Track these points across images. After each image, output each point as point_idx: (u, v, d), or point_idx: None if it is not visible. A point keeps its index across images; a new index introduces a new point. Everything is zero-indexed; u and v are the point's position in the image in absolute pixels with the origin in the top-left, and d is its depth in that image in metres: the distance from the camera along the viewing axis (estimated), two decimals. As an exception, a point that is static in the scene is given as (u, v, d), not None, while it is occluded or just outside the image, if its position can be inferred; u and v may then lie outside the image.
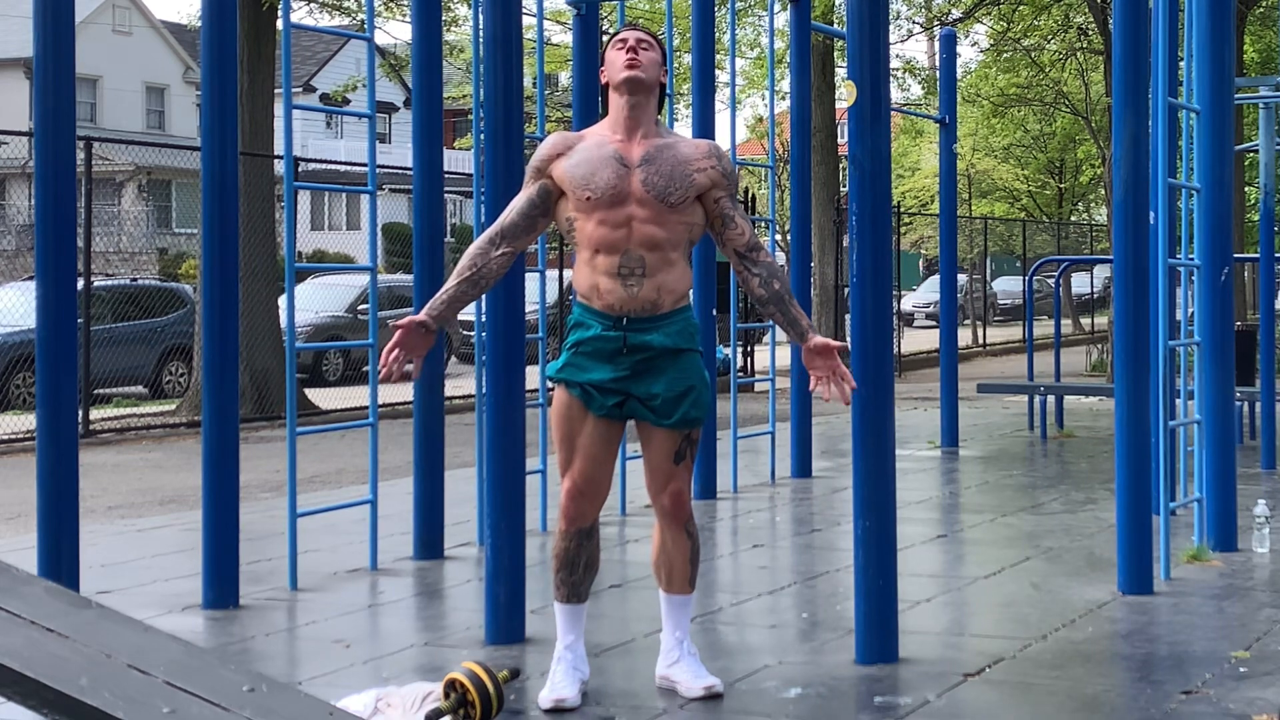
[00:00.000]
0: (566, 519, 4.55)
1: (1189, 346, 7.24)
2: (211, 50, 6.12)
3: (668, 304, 4.47)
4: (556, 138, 4.59)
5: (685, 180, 4.45)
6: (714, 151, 4.58)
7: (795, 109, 10.21)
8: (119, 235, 32.51)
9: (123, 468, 12.28)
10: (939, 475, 10.40)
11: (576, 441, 4.52)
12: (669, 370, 4.48)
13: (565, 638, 4.63)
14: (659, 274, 4.44)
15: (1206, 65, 7.04)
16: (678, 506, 4.59)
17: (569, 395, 4.52)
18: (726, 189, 4.53)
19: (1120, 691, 4.74)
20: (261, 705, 1.63)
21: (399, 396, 15.11)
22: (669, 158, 4.47)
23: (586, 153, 4.48)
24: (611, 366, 4.46)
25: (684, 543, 4.63)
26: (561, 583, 4.61)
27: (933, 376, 15.92)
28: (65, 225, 5.80)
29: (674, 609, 4.70)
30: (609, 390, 4.48)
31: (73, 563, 5.80)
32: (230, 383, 6.14)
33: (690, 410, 4.51)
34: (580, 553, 4.57)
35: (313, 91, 41.41)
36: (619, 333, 4.45)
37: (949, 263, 12.31)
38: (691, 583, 4.69)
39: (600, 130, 4.58)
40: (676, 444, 4.53)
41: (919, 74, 26.82)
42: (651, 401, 4.47)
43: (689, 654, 4.69)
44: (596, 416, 4.49)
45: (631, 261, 4.42)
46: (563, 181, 4.47)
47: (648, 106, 4.52)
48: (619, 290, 4.43)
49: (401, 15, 19.88)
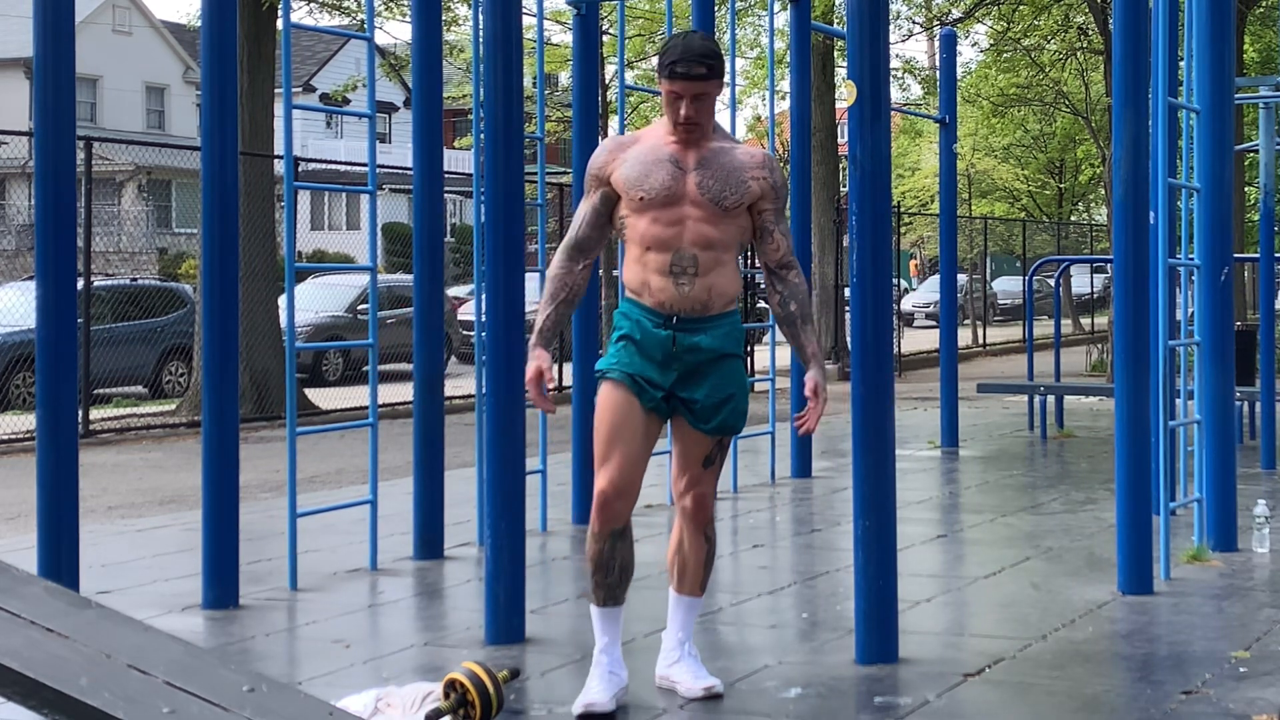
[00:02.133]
0: (601, 520, 4.51)
1: (1189, 346, 7.24)
2: (211, 50, 6.11)
3: (718, 306, 4.49)
4: (611, 143, 4.61)
5: (740, 186, 4.47)
6: (768, 163, 4.57)
7: (795, 109, 10.21)
8: (119, 235, 32.51)
9: (123, 468, 12.28)
10: (939, 475, 10.40)
11: (621, 435, 4.47)
12: (712, 375, 4.49)
13: (601, 640, 4.60)
14: (710, 274, 4.45)
15: (1206, 65, 7.04)
16: (700, 509, 4.62)
17: (620, 387, 4.49)
18: (773, 202, 4.55)
19: (1120, 691, 4.74)
20: (261, 705, 1.63)
21: (399, 397, 15.11)
22: (725, 163, 4.48)
23: (641, 155, 4.49)
24: (659, 366, 4.47)
25: (701, 546, 4.65)
26: (598, 585, 4.58)
27: (933, 376, 15.92)
28: (65, 225, 5.80)
29: (681, 609, 4.71)
30: (656, 386, 4.48)
31: (73, 563, 5.80)
32: (230, 383, 6.14)
33: (729, 418, 4.53)
34: (615, 554, 4.54)
35: (313, 91, 41.41)
36: (668, 331, 4.45)
37: (949, 263, 12.32)
38: (702, 586, 4.70)
39: (657, 132, 4.58)
40: (709, 449, 4.56)
41: (919, 74, 26.83)
42: (693, 405, 4.48)
43: (690, 655, 4.69)
44: (645, 409, 4.47)
45: (684, 260, 4.43)
46: (618, 185, 4.50)
47: (705, 133, 4.53)
48: (670, 288, 4.44)
49: (401, 15, 19.87)
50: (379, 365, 7.51)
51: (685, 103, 4.44)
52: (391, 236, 36.03)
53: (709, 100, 4.48)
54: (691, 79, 4.43)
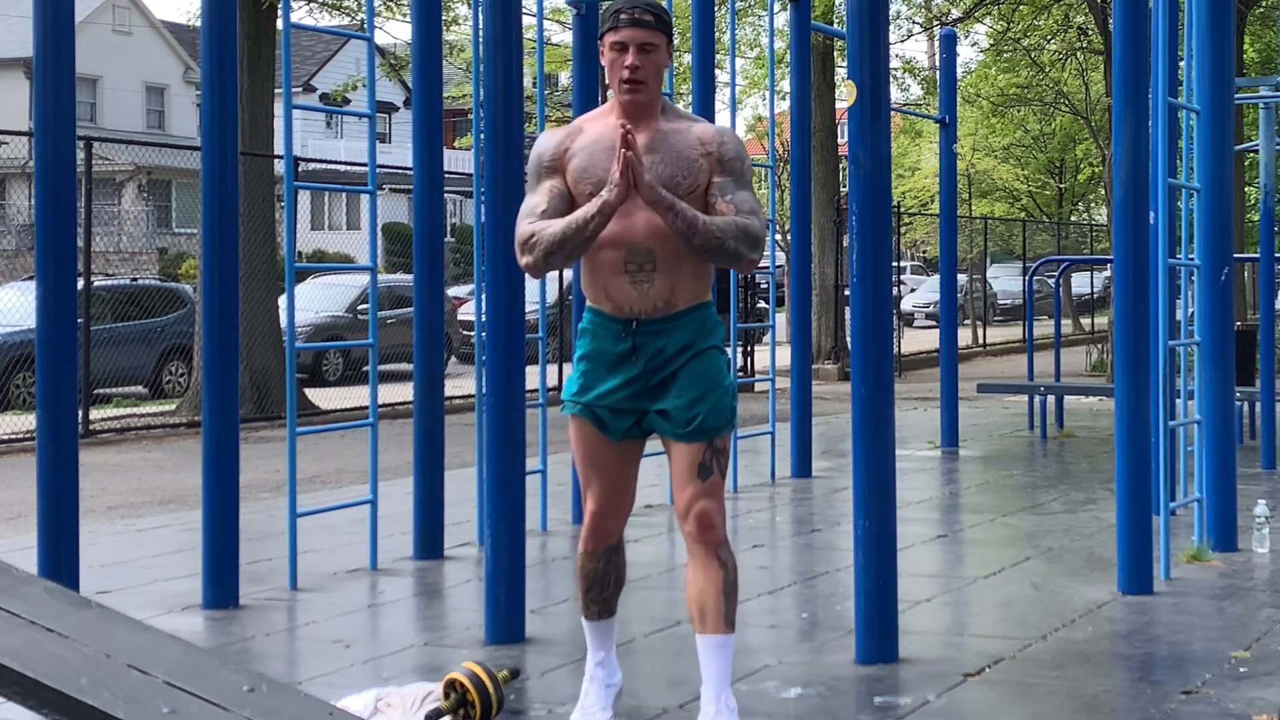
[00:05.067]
0: (594, 539, 4.27)
1: (1189, 346, 7.24)
2: (211, 50, 6.12)
3: (683, 302, 4.08)
4: (559, 132, 4.21)
5: (693, 167, 4.06)
6: (719, 135, 4.14)
7: (795, 109, 10.21)
8: (119, 235, 32.51)
9: (123, 468, 12.28)
10: (939, 475, 10.40)
11: (596, 468, 4.20)
12: (683, 375, 4.07)
13: (596, 654, 4.39)
14: (672, 270, 4.05)
15: (1206, 65, 7.04)
16: (704, 528, 4.04)
17: (582, 423, 4.17)
18: (724, 173, 4.08)
19: (1120, 691, 4.74)
20: (261, 705, 1.63)
21: (399, 397, 15.12)
22: (675, 144, 4.08)
23: (587, 144, 4.12)
24: (623, 377, 4.09)
25: (715, 572, 4.03)
26: (592, 601, 4.34)
27: (933, 376, 15.92)
28: (65, 225, 5.80)
29: (711, 653, 4.04)
30: (623, 411, 4.11)
31: (73, 563, 5.81)
32: (230, 383, 6.14)
33: (708, 419, 4.05)
34: (610, 569, 4.32)
35: (313, 91, 41.41)
36: (628, 342, 4.07)
37: (949, 263, 12.32)
38: (729, 620, 4.04)
39: (603, 117, 4.20)
40: (698, 456, 4.05)
41: (919, 74, 26.82)
42: (667, 414, 4.08)
43: (728, 709, 4.04)
44: (614, 442, 4.16)
45: (639, 256, 4.04)
46: (570, 178, 4.13)
47: (652, 98, 4.12)
48: (628, 289, 4.05)
49: (401, 15, 19.87)
50: (379, 365, 7.51)
51: (631, 52, 4.03)
52: (391, 236, 36.02)
53: (656, 55, 4.06)
54: (638, 25, 4.05)
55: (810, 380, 10.42)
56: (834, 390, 18.35)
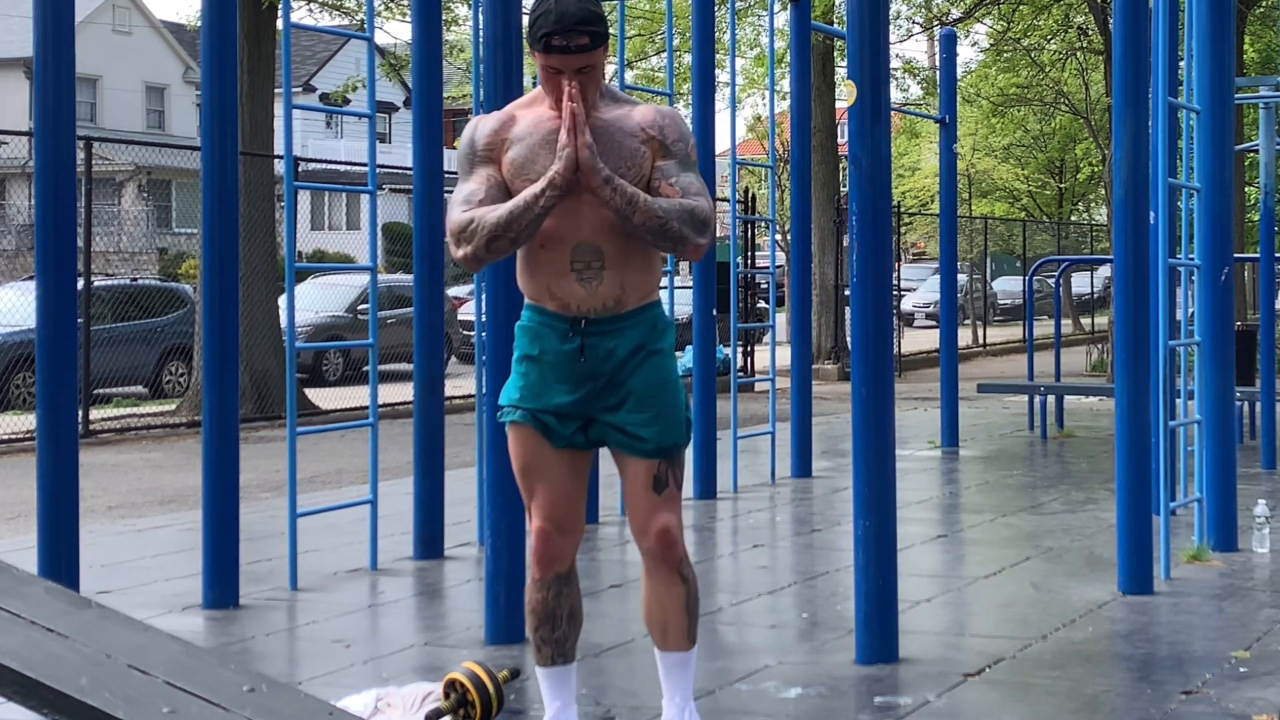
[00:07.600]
0: (541, 565, 3.91)
1: (1189, 346, 7.24)
2: (211, 50, 6.12)
3: (633, 301, 3.82)
4: (491, 119, 3.91)
5: (635, 155, 3.79)
6: (660, 116, 3.84)
7: (795, 109, 10.21)
8: (119, 235, 32.52)
9: (123, 468, 12.28)
10: (939, 475, 10.40)
11: (539, 477, 3.87)
12: (632, 381, 3.82)
13: (552, 705, 4.00)
14: (622, 266, 3.79)
15: (1206, 65, 7.04)
16: (666, 547, 3.87)
17: (522, 429, 3.86)
18: (665, 156, 3.81)
19: (1120, 691, 4.74)
20: (261, 705, 1.63)
21: (399, 397, 15.11)
22: (615, 132, 3.80)
23: (524, 135, 3.82)
24: (570, 383, 3.82)
25: (677, 589, 3.91)
26: (543, 642, 3.96)
27: (933, 376, 15.92)
28: (65, 225, 5.80)
29: (672, 670, 3.95)
30: (568, 416, 3.84)
31: (73, 563, 5.80)
32: (230, 383, 6.14)
33: (665, 435, 3.83)
34: (561, 603, 3.95)
35: (313, 91, 41.41)
36: (576, 341, 3.80)
37: (949, 263, 12.32)
38: (690, 637, 3.95)
39: (536, 105, 3.88)
40: (654, 470, 3.84)
41: (919, 74, 26.82)
42: (618, 425, 3.83)
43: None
44: (558, 449, 3.86)
45: (587, 253, 3.77)
46: (505, 170, 3.83)
47: (590, 102, 3.82)
48: (575, 288, 3.78)
49: (401, 15, 19.87)
50: (379, 365, 7.51)
51: (567, 80, 3.72)
52: (391, 236, 36.01)
53: (595, 73, 3.75)
54: (572, 53, 3.70)
55: (810, 380, 10.42)
56: (834, 390, 18.35)
